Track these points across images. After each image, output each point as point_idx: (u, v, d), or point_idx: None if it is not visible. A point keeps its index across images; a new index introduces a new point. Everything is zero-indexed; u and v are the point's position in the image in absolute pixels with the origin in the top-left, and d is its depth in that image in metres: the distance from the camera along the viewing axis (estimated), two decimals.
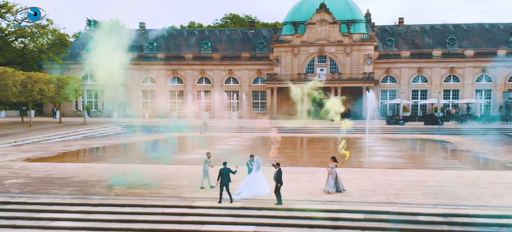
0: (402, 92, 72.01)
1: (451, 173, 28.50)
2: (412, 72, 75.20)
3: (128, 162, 33.26)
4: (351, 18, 75.89)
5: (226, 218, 19.91)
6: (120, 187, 24.06)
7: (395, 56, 75.70)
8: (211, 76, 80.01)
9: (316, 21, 74.80)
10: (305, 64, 75.75)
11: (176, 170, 29.28)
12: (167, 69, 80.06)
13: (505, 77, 72.98)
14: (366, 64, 73.89)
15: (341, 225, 19.21)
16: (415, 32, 79.95)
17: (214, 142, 45.25)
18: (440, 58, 74.47)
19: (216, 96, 78.93)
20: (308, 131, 56.24)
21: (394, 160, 33.90)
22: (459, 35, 77.81)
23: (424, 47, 76.75)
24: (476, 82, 74.09)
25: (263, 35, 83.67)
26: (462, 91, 73.92)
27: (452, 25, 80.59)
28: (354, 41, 74.23)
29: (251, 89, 78.70)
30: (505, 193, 22.72)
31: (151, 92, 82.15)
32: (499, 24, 79.05)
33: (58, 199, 21.87)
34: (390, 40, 77.78)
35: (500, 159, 34.93)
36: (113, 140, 49.02)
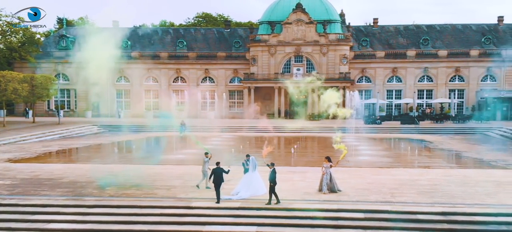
0: (378, 92, 72.70)
1: (440, 172, 28.86)
2: (387, 72, 76.03)
3: (114, 163, 32.77)
4: (327, 18, 76.31)
5: (226, 218, 19.75)
6: (112, 188, 23.68)
7: (370, 56, 76.43)
8: (187, 76, 79.42)
9: (293, 21, 74.94)
10: (282, 63, 75.84)
11: (164, 170, 28.94)
12: (141, 68, 79.02)
13: (478, 77, 74.36)
14: (342, 64, 74.41)
15: (342, 224, 19.24)
16: (390, 32, 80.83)
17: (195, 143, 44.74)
18: (414, 58, 75.47)
19: (192, 96, 78.37)
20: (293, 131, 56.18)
21: (380, 160, 34.15)
22: (433, 35, 78.98)
23: (398, 48, 77.66)
24: (449, 82, 75.31)
25: (239, 35, 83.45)
26: (436, 91, 75.06)
27: (425, 26, 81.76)
28: (330, 41, 74.64)
29: (227, 89, 78.41)
30: (498, 192, 23.10)
31: (125, 91, 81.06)
32: (472, 25, 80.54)
33: (51, 200, 21.36)
34: (365, 40, 78.46)
35: (483, 158, 35.54)
36: (92, 140, 48.18)
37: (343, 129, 54.88)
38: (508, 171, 29.38)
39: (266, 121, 65.48)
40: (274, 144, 46.78)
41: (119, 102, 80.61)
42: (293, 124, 60.52)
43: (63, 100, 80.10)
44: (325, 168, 22.90)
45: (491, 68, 73.98)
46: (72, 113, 79.80)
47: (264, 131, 57.16)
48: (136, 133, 53.94)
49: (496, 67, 73.85)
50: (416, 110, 68.92)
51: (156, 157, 34.86)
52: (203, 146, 26.68)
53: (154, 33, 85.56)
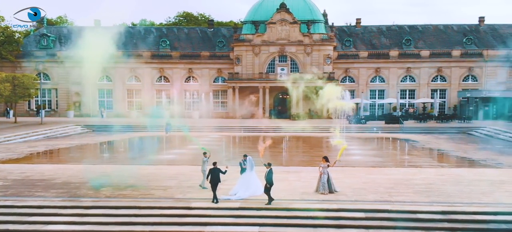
0: (362, 92, 73.13)
1: (433, 171, 29.09)
2: (370, 72, 76.50)
3: (105, 163, 32.40)
4: (310, 18, 76.51)
5: (227, 218, 19.64)
6: (107, 188, 23.39)
7: (354, 57, 76.83)
8: (170, 75, 78.93)
9: (277, 21, 74.98)
10: (266, 63, 75.82)
11: (158, 170, 28.67)
12: (124, 67, 78.26)
13: (460, 77, 75.24)
14: (326, 64, 74.67)
15: (344, 224, 19.24)
16: (372, 33, 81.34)
17: (184, 142, 44.61)
18: (397, 58, 76.04)
19: (176, 95, 77.97)
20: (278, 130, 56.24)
21: (371, 159, 34.30)
22: (415, 36, 79.67)
23: (381, 48, 78.19)
24: (431, 82, 76.06)
25: (222, 34, 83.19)
26: (418, 91, 75.75)
27: (407, 26, 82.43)
28: (314, 41, 74.84)
29: (211, 88, 78.11)
30: (492, 191, 23.34)
31: (108, 91, 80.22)
32: (453, 25, 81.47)
33: (47, 202, 21.01)
34: (348, 40, 78.83)
35: (472, 157, 35.95)
36: (77, 140, 47.60)
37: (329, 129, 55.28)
38: (499, 170, 29.72)
39: (252, 120, 65.60)
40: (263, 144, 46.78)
41: (102, 101, 79.75)
42: (279, 123, 60.63)
43: (44, 100, 78.97)
44: (322, 168, 22.83)
45: (472, 68, 74.93)
46: (54, 113, 78.73)
47: (251, 130, 57.28)
48: (122, 133, 53.33)
49: (477, 67, 74.87)
50: (399, 110, 69.48)
51: (146, 157, 34.60)
52: (200, 145, 26.37)
53: (137, 32, 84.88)
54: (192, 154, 37.39)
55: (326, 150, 41.69)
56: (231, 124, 63.56)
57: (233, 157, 33.43)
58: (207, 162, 23.67)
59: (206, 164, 23.57)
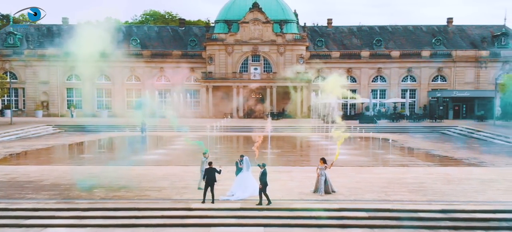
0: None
1: (421, 170, 29.38)
2: (342, 72, 76.93)
3: (89, 164, 31.62)
4: (283, 18, 76.67)
5: (231, 219, 19.34)
6: (99, 190, 22.82)
7: (326, 57, 77.32)
8: (141, 74, 77.90)
9: (250, 20, 74.86)
10: (239, 63, 75.61)
11: (146, 171, 28.09)
12: (93, 66, 76.75)
13: (429, 77, 76.60)
14: (299, 64, 74.89)
15: (348, 224, 19.16)
16: (344, 33, 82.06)
17: (163, 142, 44.03)
18: (368, 58, 76.91)
19: (147, 95, 76.98)
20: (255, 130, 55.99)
21: (357, 159, 34.42)
22: (385, 36, 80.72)
23: (352, 48, 78.90)
24: (401, 82, 77.24)
25: (194, 33, 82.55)
26: (389, 91, 76.78)
27: (377, 27, 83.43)
28: (287, 41, 75.03)
29: (184, 88, 77.35)
30: (485, 189, 23.66)
31: (77, 90, 78.59)
32: (422, 26, 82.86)
33: (41, 204, 20.29)
34: (320, 40, 79.31)
35: (453, 156, 36.52)
36: (53, 141, 46.41)
37: (306, 128, 55.48)
38: (485, 169, 30.22)
39: (227, 120, 65.22)
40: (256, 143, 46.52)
41: (71, 101, 78.08)
42: (254, 123, 60.47)
43: (9, 99, 76.84)
44: (320, 170, 22.63)
45: (441, 68, 76.37)
46: (21, 113, 76.68)
47: (228, 130, 56.95)
48: (96, 133, 52.28)
49: (446, 67, 76.35)
50: (372, 109, 70.28)
51: (130, 157, 33.95)
52: (194, 144, 25.85)
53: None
54: (175, 155, 37.00)
55: (311, 150, 41.82)
56: (205, 123, 62.87)
57: (218, 157, 33.13)
58: (206, 162, 23.28)
59: (205, 164, 23.18)
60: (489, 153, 37.89)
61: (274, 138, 50.81)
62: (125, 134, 51.22)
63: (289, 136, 51.41)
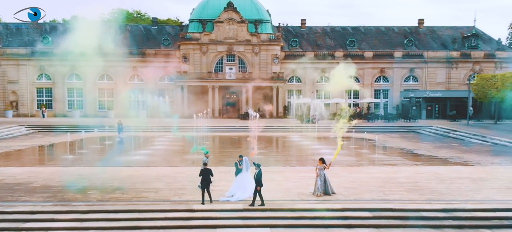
0: (312, 92, 74.16)
1: (410, 170, 29.66)
2: (316, 72, 77.38)
3: (75, 165, 30.84)
4: (258, 18, 76.55)
5: (236, 220, 19.13)
6: (93, 192, 22.26)
7: (300, 57, 77.44)
8: (114, 73, 76.59)
9: (224, 20, 74.49)
10: (214, 62, 75.15)
11: (136, 172, 27.59)
12: (64, 65, 75.10)
13: (401, 77, 77.62)
14: (274, 64, 74.93)
15: (354, 224, 19.15)
16: (317, 33, 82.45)
17: (144, 143, 43.28)
18: (342, 59, 77.07)
19: (120, 94, 75.96)
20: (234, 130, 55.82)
21: (345, 158, 34.31)
22: (358, 37, 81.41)
23: (326, 49, 79.31)
24: (375, 83, 78.05)
25: (167, 32, 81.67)
26: (363, 91, 77.35)
27: (350, 28, 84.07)
28: (262, 41, 74.93)
29: (157, 87, 76.42)
30: (479, 188, 23.97)
31: (47, 90, 76.80)
32: (394, 27, 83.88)
33: (37, 207, 19.67)
34: (294, 40, 79.52)
35: (437, 155, 37.00)
36: (29, 142, 45.25)
37: (284, 129, 55.51)
38: (472, 168, 30.71)
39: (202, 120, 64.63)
40: (233, 143, 46.20)
41: (41, 101, 76.29)
42: (231, 123, 60.19)
43: None
44: (319, 170, 22.46)
45: (413, 69, 77.50)
46: None
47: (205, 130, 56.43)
48: (71, 134, 51.04)
49: (418, 68, 77.51)
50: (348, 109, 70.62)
51: (115, 158, 33.37)
52: (196, 146, 25.48)
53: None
54: (160, 155, 36.46)
55: (295, 150, 41.78)
56: (181, 123, 62.22)
57: (199, 158, 32.90)
58: (207, 162, 22.93)
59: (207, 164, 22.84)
60: (471, 153, 38.51)
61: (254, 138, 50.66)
62: (101, 135, 50.25)
63: (270, 136, 51.27)
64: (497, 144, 44.08)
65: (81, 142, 45.87)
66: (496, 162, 33.56)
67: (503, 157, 35.91)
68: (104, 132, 51.35)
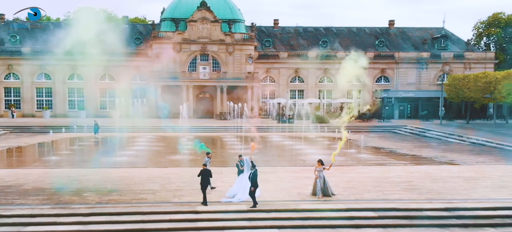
0: (288, 92, 74.27)
1: (400, 169, 29.92)
2: (290, 72, 77.59)
3: (61, 167, 30.04)
4: (231, 18, 76.17)
5: (243, 222, 18.82)
6: (90, 194, 21.64)
7: (274, 57, 77.54)
8: (85, 73, 74.84)
9: (198, 19, 73.81)
10: (188, 62, 74.39)
11: (126, 174, 26.98)
12: (33, 64, 73.35)
13: (373, 77, 78.44)
14: (247, 63, 74.65)
15: (361, 224, 19.09)
16: (290, 33, 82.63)
17: (124, 144, 42.36)
18: (315, 59, 77.57)
19: (91, 94, 74.55)
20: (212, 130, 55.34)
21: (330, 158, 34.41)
22: (330, 37, 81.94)
23: (299, 49, 79.51)
24: (347, 83, 78.47)
25: (138, 31, 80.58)
26: (336, 91, 77.81)
27: (323, 28, 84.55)
28: (236, 41, 74.57)
29: (129, 87, 75.09)
30: (473, 187, 24.24)
31: (15, 89, 74.69)
32: (365, 28, 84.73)
33: (36, 210, 18.96)
34: (268, 40, 79.52)
35: (421, 155, 37.49)
36: (3, 143, 43.83)
37: (263, 129, 55.33)
38: (460, 167, 31.21)
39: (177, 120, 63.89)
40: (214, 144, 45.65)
41: (9, 101, 74.19)
42: (206, 123, 59.67)
43: None
44: (318, 172, 22.11)
45: (385, 69, 78.45)
46: None
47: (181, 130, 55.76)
48: (45, 134, 49.91)
49: (389, 68, 78.49)
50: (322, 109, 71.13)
51: (99, 160, 32.60)
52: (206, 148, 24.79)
53: (46, 27, 79.78)
54: (144, 156, 35.87)
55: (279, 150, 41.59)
56: (156, 124, 61.44)
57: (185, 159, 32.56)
58: (209, 162, 22.55)
59: (209, 164, 22.43)
60: (453, 152, 39.10)
61: (233, 137, 50.44)
62: (77, 135, 49.18)
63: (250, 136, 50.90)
64: (475, 143, 44.89)
65: (59, 142, 44.78)
66: (480, 161, 34.15)
67: (485, 156, 36.57)
68: (80, 133, 50.37)
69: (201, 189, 20.15)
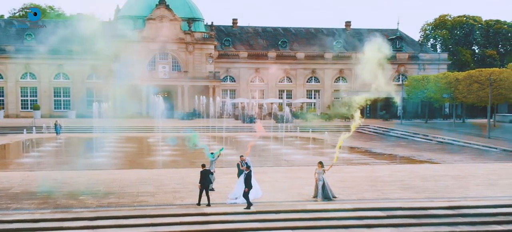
0: (249, 91, 73.93)
1: (386, 168, 30.29)
2: (250, 72, 77.34)
3: (41, 169, 28.79)
4: (191, 17, 75.23)
5: (255, 223, 18.44)
6: (86, 197, 20.70)
7: (234, 56, 77.12)
8: (38, 71, 72.34)
9: (156, 17, 72.52)
10: (147, 61, 72.87)
11: (114, 176, 26.19)
12: None
13: (332, 78, 79.27)
14: (208, 63, 73.91)
15: (372, 223, 18.99)
16: (249, 33, 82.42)
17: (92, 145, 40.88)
18: (275, 59, 77.58)
19: (45, 94, 71.94)
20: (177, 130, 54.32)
21: (312, 158, 34.27)
22: (289, 38, 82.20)
23: (259, 49, 79.40)
24: (307, 83, 79.13)
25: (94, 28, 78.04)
26: (295, 91, 78.22)
27: (281, 28, 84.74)
28: (196, 40, 73.72)
29: (85, 86, 73.05)
30: (465, 185, 24.61)
31: None
32: (323, 29, 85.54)
33: (36, 215, 17.93)
34: (227, 40, 79.04)
35: (398, 153, 38.05)
36: None
37: (229, 128, 54.80)
38: (442, 166, 31.85)
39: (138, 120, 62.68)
40: None
41: None
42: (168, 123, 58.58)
43: None
44: (318, 174, 21.70)
45: (343, 70, 79.36)
46: None
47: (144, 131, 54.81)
48: (3, 135, 47.73)
49: (347, 69, 79.42)
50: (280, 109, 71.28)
51: (76, 161, 31.32)
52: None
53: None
54: (121, 158, 34.77)
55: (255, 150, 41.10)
56: (117, 124, 59.71)
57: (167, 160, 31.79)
58: (214, 163, 21.93)
59: (214, 165, 21.83)
60: (426, 151, 39.86)
61: None
62: (39, 136, 47.30)
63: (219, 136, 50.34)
64: (442, 142, 45.96)
65: (26, 143, 42.98)
66: (457, 159, 34.88)
67: (459, 155, 37.41)
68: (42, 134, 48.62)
69: (201, 190, 19.55)
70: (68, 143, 44.32)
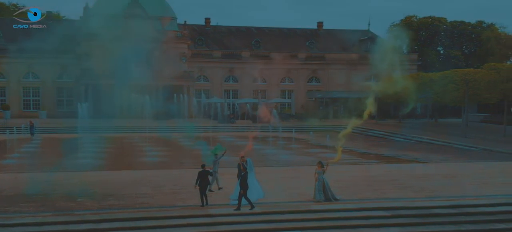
0: (222, 91, 73.53)
1: (378, 167, 30.60)
2: (224, 72, 76.92)
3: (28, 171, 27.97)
4: (164, 15, 74.20)
5: (263, 224, 18.20)
6: (84, 199, 20.13)
7: (208, 56, 76.59)
8: (7, 71, 70.38)
9: (128, 15, 71.24)
10: (119, 59, 71.32)
11: (107, 178, 26.00)
12: None
13: (305, 78, 79.48)
14: (181, 62, 73.07)
15: (378, 223, 18.93)
16: (223, 33, 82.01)
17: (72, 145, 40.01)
18: (249, 59, 77.28)
19: (13, 93, 70.03)
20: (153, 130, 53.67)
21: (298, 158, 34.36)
22: (263, 38, 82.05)
23: (232, 48, 79.04)
24: (281, 83, 79.13)
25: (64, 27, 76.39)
26: (270, 92, 78.08)
27: (254, 28, 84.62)
28: (169, 39, 72.74)
29: (56, 86, 71.35)
30: (459, 184, 24.74)
31: None
32: (296, 29, 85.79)
33: (38, 218, 17.28)
34: (200, 39, 78.49)
35: (382, 153, 38.40)
36: None
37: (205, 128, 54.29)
38: (430, 165, 32.33)
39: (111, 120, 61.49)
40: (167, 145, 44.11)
41: None
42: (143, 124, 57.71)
43: None
44: (318, 174, 21.43)
45: (316, 70, 79.71)
46: None
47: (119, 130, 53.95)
48: None
49: (320, 69, 79.82)
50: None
51: (62, 162, 30.54)
52: None
53: None
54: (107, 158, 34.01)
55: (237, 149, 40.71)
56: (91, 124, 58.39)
57: None
58: (218, 163, 21.52)
59: (217, 165, 21.42)
60: (409, 150, 40.31)
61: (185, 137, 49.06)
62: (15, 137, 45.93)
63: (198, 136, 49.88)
64: (421, 141, 46.52)
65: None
66: (442, 159, 35.35)
67: (442, 154, 37.95)
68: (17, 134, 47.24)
69: (200, 191, 19.19)
70: (46, 144, 43.06)
